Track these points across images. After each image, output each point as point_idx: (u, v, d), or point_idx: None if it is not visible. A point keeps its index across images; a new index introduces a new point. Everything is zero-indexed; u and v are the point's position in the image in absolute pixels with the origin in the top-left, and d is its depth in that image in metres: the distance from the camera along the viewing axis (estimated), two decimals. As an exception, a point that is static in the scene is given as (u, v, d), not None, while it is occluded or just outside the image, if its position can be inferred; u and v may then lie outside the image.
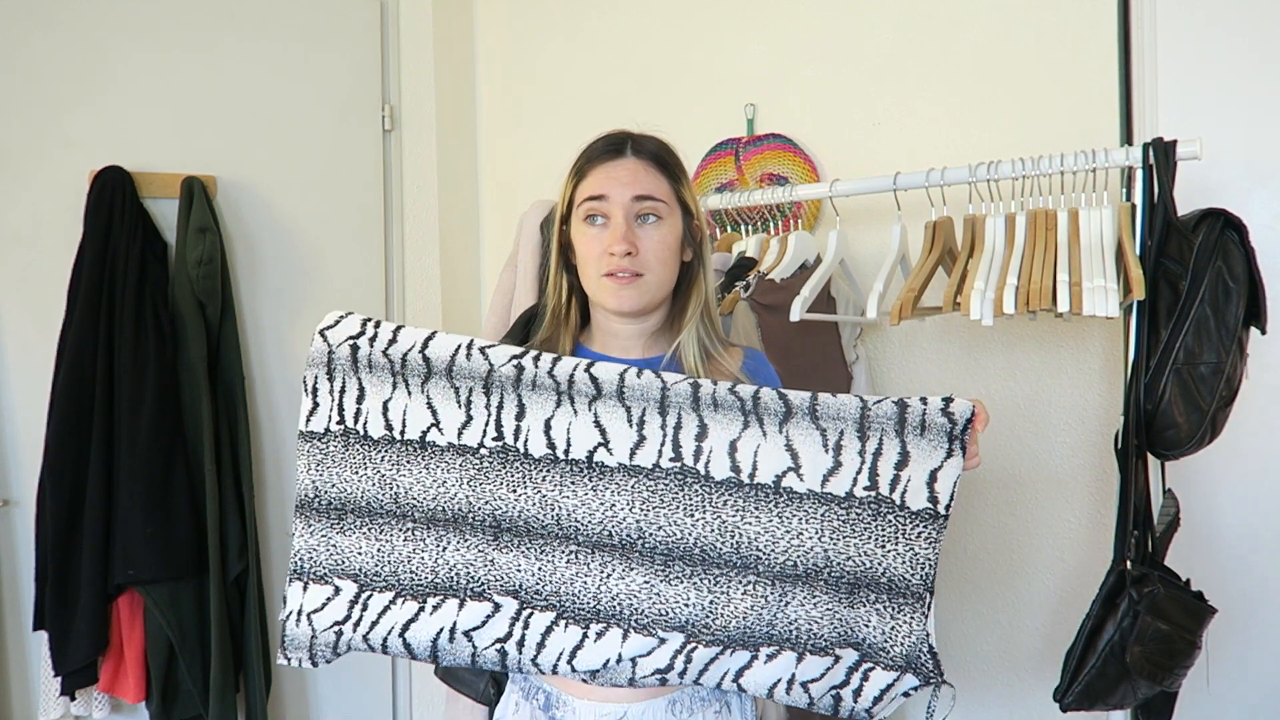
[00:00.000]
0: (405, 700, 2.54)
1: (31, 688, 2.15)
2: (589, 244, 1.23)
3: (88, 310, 2.04)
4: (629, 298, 1.21)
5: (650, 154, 1.25)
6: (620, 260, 1.19)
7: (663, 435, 1.10)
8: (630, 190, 1.22)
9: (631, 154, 1.24)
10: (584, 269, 1.25)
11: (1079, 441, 1.87)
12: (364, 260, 2.49)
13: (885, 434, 1.09)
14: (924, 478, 1.08)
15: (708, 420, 1.10)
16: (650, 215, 1.22)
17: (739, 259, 1.86)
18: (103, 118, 2.21)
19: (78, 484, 2.01)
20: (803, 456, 1.09)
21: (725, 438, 1.10)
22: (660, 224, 1.23)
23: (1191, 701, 1.69)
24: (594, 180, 1.23)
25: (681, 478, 1.10)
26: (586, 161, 1.25)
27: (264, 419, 2.34)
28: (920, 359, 2.04)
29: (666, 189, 1.25)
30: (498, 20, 2.66)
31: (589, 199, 1.23)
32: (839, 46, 2.11)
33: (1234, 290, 1.47)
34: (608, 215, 1.22)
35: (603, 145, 1.26)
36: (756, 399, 1.10)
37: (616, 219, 1.21)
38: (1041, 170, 1.61)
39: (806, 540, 1.08)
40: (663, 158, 1.26)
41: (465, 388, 1.13)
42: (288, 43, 2.39)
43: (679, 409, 1.11)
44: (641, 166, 1.24)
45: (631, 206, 1.21)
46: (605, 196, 1.22)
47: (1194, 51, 1.75)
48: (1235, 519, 1.76)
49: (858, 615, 1.08)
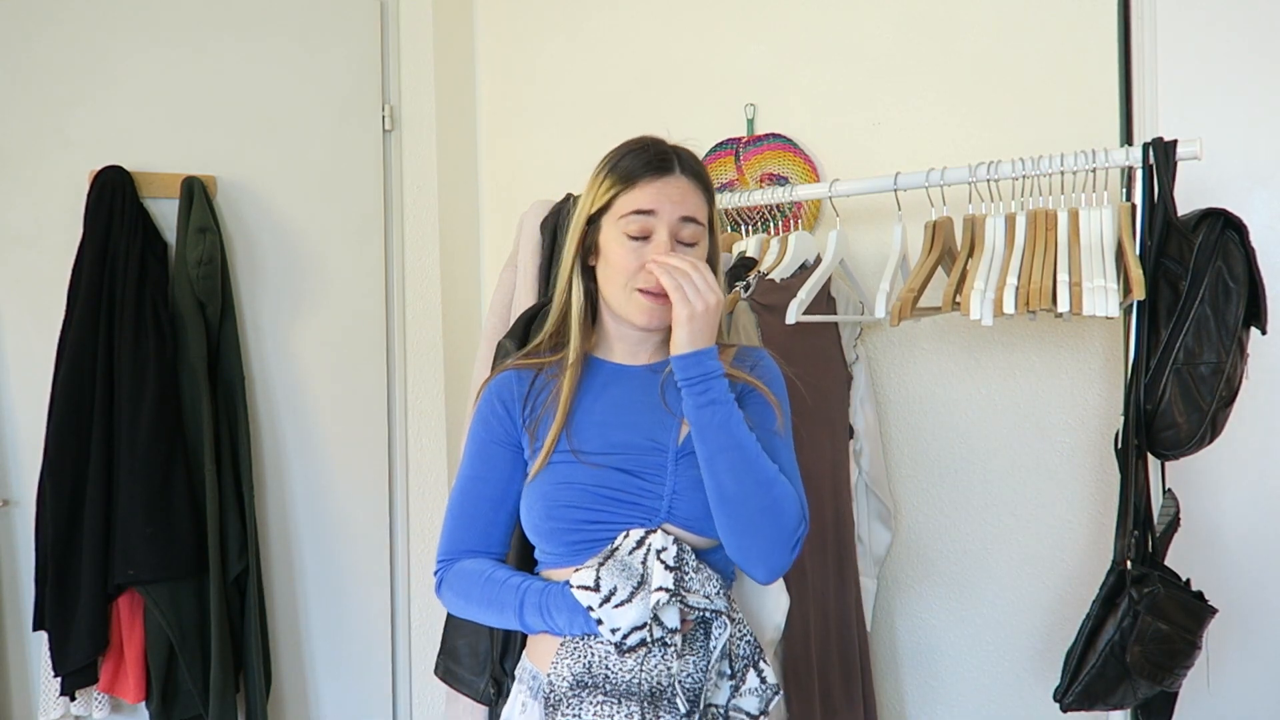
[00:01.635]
0: (405, 700, 2.54)
1: (31, 688, 2.15)
2: (626, 256, 1.21)
3: (88, 310, 2.04)
4: (660, 316, 1.21)
5: (694, 173, 1.25)
6: (661, 280, 1.18)
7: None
8: (680, 210, 1.21)
9: (680, 172, 1.23)
10: (613, 278, 1.23)
11: (1079, 441, 1.87)
12: (364, 260, 2.49)
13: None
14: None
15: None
16: (690, 242, 1.22)
17: (739, 259, 1.86)
18: (103, 118, 2.21)
19: (78, 484, 2.01)
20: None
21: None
22: (697, 248, 1.23)
23: (1191, 701, 1.70)
24: (645, 194, 1.21)
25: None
26: (637, 171, 1.22)
27: (264, 419, 2.34)
28: (920, 359, 2.04)
29: (706, 212, 1.25)
30: (498, 20, 2.66)
31: (638, 212, 1.20)
32: (839, 46, 2.11)
33: (1234, 290, 1.47)
34: (653, 232, 1.21)
35: (650, 157, 1.23)
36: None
37: (662, 237, 1.20)
38: (1041, 170, 1.61)
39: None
40: (705, 178, 1.26)
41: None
42: (288, 43, 2.39)
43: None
44: (690, 187, 1.23)
45: (678, 227, 1.21)
46: (656, 213, 1.20)
47: (1194, 51, 1.75)
48: (1235, 519, 1.76)
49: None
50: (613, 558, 1.16)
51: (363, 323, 2.49)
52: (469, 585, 1.24)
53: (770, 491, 1.16)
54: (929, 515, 2.04)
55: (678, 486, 1.20)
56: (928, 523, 2.04)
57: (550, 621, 1.16)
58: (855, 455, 1.96)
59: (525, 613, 1.18)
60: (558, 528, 1.21)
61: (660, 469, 1.21)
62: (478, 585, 1.23)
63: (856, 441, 1.95)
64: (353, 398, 2.44)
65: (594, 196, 1.24)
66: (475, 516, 1.28)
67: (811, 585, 1.76)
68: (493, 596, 1.22)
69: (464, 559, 1.28)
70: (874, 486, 1.97)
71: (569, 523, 1.20)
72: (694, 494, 1.20)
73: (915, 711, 2.06)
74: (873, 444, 1.97)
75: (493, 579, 1.23)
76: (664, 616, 1.12)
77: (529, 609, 1.18)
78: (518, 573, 1.24)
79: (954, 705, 2.02)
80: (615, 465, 1.21)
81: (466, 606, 1.25)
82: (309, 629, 2.41)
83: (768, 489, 1.16)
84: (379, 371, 2.50)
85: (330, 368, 2.41)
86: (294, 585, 2.38)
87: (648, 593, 1.12)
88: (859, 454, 1.96)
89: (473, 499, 1.28)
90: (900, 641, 2.08)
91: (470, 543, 1.28)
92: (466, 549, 1.28)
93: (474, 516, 1.28)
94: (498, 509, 1.27)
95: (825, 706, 1.77)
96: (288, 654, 2.38)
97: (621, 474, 1.21)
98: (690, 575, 1.16)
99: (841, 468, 1.90)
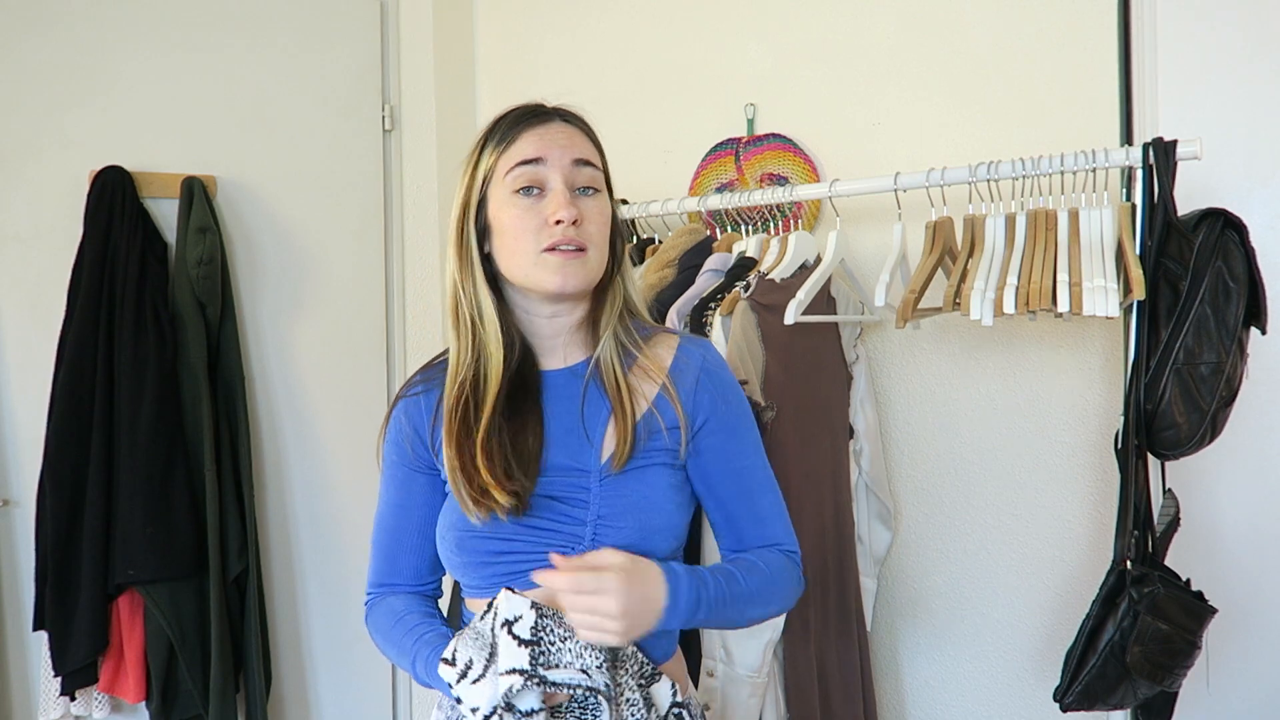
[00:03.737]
0: (405, 700, 2.54)
1: (31, 688, 2.14)
2: (522, 217, 1.05)
3: (88, 310, 2.04)
4: (574, 273, 1.05)
5: (579, 122, 1.13)
6: (567, 230, 1.04)
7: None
8: (570, 153, 1.07)
9: (559, 120, 1.10)
10: (514, 249, 1.06)
11: (1079, 441, 1.87)
12: (364, 260, 2.49)
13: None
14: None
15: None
16: (590, 187, 1.08)
17: (739, 259, 1.86)
18: (103, 118, 2.21)
19: (78, 484, 2.01)
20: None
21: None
22: (600, 196, 1.09)
23: (1191, 701, 1.70)
24: (527, 143, 1.07)
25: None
26: (511, 126, 1.09)
27: (264, 419, 2.33)
28: (920, 359, 2.04)
29: (600, 159, 1.11)
30: (498, 20, 2.66)
31: (521, 164, 1.06)
32: (839, 46, 2.11)
33: (1234, 290, 1.47)
34: (544, 182, 1.06)
35: (523, 111, 1.11)
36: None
37: (557, 185, 1.05)
38: (1041, 170, 1.61)
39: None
40: (590, 128, 1.13)
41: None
42: (288, 43, 2.39)
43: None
44: (576, 132, 1.11)
45: (572, 173, 1.07)
46: (543, 159, 1.06)
47: (1194, 51, 1.75)
48: (1235, 519, 1.76)
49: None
50: (471, 625, 1.03)
51: (363, 323, 2.49)
52: (387, 624, 1.16)
53: (773, 600, 1.11)
54: (929, 515, 2.04)
55: (603, 512, 1.06)
56: (928, 523, 2.04)
57: (437, 684, 1.06)
58: (855, 455, 1.96)
59: (417, 670, 1.10)
60: (470, 561, 1.09)
61: (583, 490, 1.07)
62: (392, 626, 1.15)
63: (856, 441, 1.95)
64: (353, 398, 2.44)
65: (472, 179, 1.10)
66: (401, 549, 1.18)
67: (812, 586, 1.76)
68: (400, 642, 1.13)
69: (390, 596, 1.18)
70: (874, 486, 1.97)
71: (482, 555, 1.08)
72: (622, 520, 1.06)
73: (915, 711, 2.06)
74: (873, 444, 1.97)
75: (403, 622, 1.14)
76: (518, 701, 0.96)
77: (419, 666, 1.09)
78: (428, 619, 1.15)
79: (954, 705, 2.02)
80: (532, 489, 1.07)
81: (385, 647, 1.16)
82: (309, 629, 2.40)
83: (770, 599, 1.11)
84: (379, 372, 2.50)
85: (330, 368, 2.41)
86: (294, 585, 2.38)
87: (496, 673, 0.97)
88: (859, 454, 1.96)
89: (393, 531, 1.19)
90: (900, 642, 2.08)
91: (396, 576, 1.18)
92: (392, 583, 1.19)
93: (401, 548, 1.18)
94: (424, 539, 1.17)
95: (825, 706, 1.77)
96: (288, 654, 2.38)
97: (539, 498, 1.07)
98: (556, 647, 0.98)
99: (841, 468, 1.90)
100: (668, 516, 1.09)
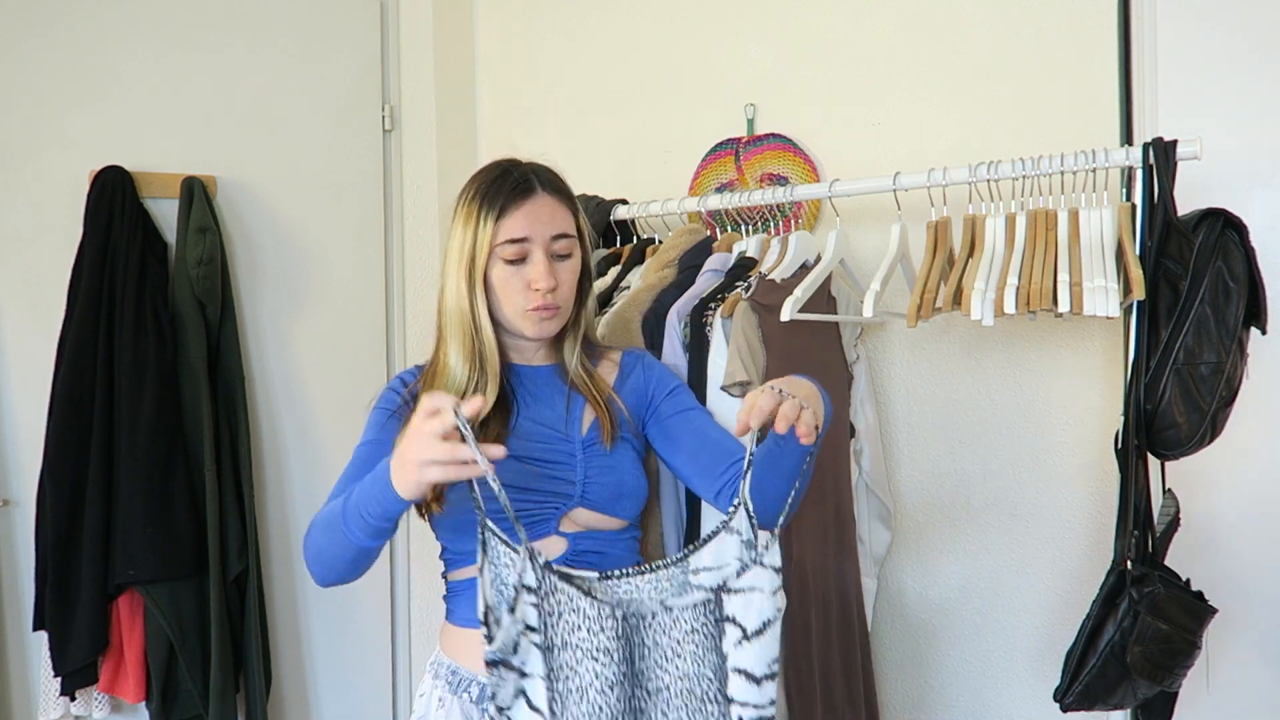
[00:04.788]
0: (405, 700, 2.54)
1: (31, 688, 2.15)
2: (510, 280, 1.31)
3: (88, 310, 2.04)
4: (549, 327, 1.34)
5: (555, 189, 1.34)
6: (545, 296, 1.30)
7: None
8: (550, 230, 1.31)
9: (541, 190, 1.32)
10: (502, 301, 1.33)
11: (1079, 441, 1.87)
12: (364, 260, 2.49)
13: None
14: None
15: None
16: (565, 254, 1.33)
17: (739, 259, 1.86)
18: (103, 118, 2.21)
19: (78, 484, 2.01)
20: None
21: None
22: (571, 259, 1.35)
23: (1191, 701, 1.69)
24: (516, 221, 1.30)
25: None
26: (503, 199, 1.30)
27: (264, 419, 2.34)
28: (920, 359, 2.04)
29: (573, 223, 1.35)
30: (498, 20, 2.66)
31: (512, 241, 1.30)
32: (839, 46, 2.11)
33: (1234, 290, 1.47)
34: (529, 254, 1.31)
35: (512, 183, 1.31)
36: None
37: (538, 258, 1.30)
38: (1041, 170, 1.61)
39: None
40: (566, 190, 1.36)
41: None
42: (288, 43, 2.39)
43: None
44: (555, 203, 1.33)
45: (551, 245, 1.32)
46: (529, 238, 1.30)
47: (1194, 51, 1.75)
48: (1235, 519, 1.76)
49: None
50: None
51: (363, 323, 2.49)
52: (320, 518, 1.23)
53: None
54: (929, 515, 2.04)
55: (589, 472, 1.31)
56: (928, 522, 2.04)
57: (358, 510, 1.13)
58: (855, 455, 1.96)
59: (348, 510, 1.15)
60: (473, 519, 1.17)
61: (570, 455, 1.32)
62: (325, 514, 1.22)
63: (857, 441, 1.95)
64: (353, 398, 2.42)
65: (477, 238, 1.31)
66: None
67: (812, 585, 1.76)
68: (330, 512, 1.19)
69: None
70: (874, 486, 1.97)
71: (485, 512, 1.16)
72: (604, 478, 1.31)
73: (916, 711, 2.06)
74: (873, 444, 1.97)
75: (334, 502, 1.20)
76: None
77: (349, 504, 1.15)
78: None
79: (954, 705, 2.02)
80: (528, 454, 1.29)
81: (320, 537, 1.22)
82: (309, 629, 2.41)
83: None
84: (379, 372, 2.50)
85: (330, 368, 2.41)
86: (294, 585, 2.38)
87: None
88: (859, 454, 1.96)
89: (361, 464, 1.28)
90: (901, 641, 2.08)
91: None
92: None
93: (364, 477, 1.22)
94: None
95: (827, 707, 1.77)
96: (288, 654, 2.38)
97: (535, 460, 1.29)
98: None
99: (842, 467, 1.90)
100: (635, 480, 1.36)
